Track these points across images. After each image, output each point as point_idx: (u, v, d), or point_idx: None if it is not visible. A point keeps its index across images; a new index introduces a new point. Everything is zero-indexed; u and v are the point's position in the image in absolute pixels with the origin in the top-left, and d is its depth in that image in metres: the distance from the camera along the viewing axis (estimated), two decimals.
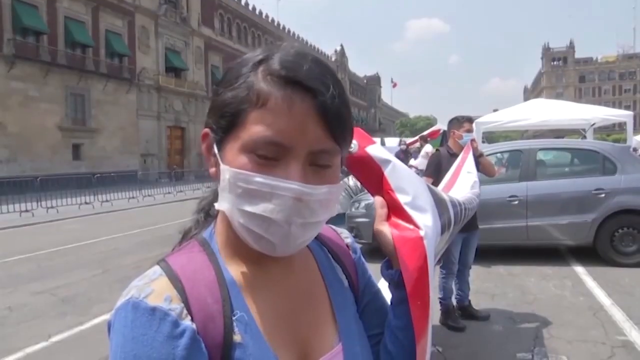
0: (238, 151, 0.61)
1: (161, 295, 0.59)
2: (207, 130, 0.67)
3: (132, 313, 0.57)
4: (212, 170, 0.67)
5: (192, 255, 0.66)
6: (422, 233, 0.82)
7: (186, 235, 0.76)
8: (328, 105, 0.61)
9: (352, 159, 0.85)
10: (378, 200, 0.85)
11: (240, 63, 0.65)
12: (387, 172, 0.86)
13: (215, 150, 0.65)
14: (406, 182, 0.87)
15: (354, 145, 0.84)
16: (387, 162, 0.87)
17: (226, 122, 0.62)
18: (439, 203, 0.99)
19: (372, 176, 0.87)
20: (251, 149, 0.60)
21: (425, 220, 0.84)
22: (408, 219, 0.83)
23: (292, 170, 0.60)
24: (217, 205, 0.64)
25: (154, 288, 0.59)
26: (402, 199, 0.85)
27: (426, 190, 0.92)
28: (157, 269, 0.63)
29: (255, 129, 0.59)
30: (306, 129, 0.60)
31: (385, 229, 0.82)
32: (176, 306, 0.58)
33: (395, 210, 0.85)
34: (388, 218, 0.84)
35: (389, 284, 0.81)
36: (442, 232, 0.98)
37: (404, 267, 0.78)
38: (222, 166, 0.62)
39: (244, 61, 0.65)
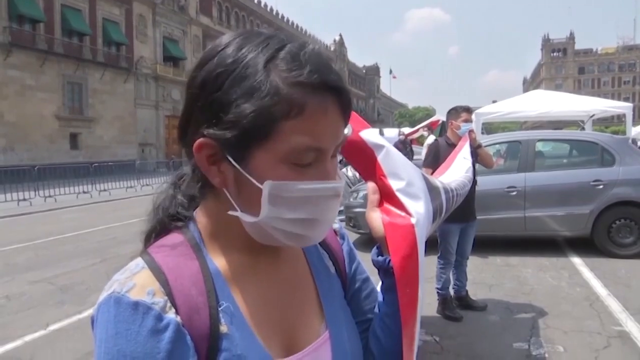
0: (276, 163, 0.59)
1: (144, 289, 0.58)
2: (206, 141, 0.60)
3: (114, 308, 0.56)
4: (217, 180, 0.63)
5: (176, 247, 0.65)
6: (413, 220, 0.80)
7: (150, 238, 0.71)
8: (348, 101, 0.63)
9: (346, 142, 0.84)
10: (370, 185, 0.84)
11: (239, 61, 0.59)
12: (380, 157, 0.84)
13: (234, 163, 0.60)
14: (399, 168, 0.85)
15: (348, 128, 0.82)
16: (381, 147, 0.85)
17: (253, 135, 0.58)
18: (432, 190, 0.98)
19: (365, 161, 0.86)
20: (292, 159, 0.59)
21: (418, 208, 0.83)
22: (400, 205, 0.82)
23: (328, 170, 0.62)
24: (244, 217, 0.62)
25: (136, 282, 0.58)
26: (395, 185, 0.83)
27: (420, 177, 0.91)
28: (139, 261, 0.62)
29: (295, 139, 0.58)
30: (337, 128, 0.62)
31: (376, 215, 0.81)
32: (159, 300, 0.57)
33: (387, 196, 0.84)
34: (380, 204, 0.83)
35: (379, 271, 0.81)
36: (434, 219, 0.96)
37: (394, 254, 0.77)
38: (264, 182, 0.59)
39: (245, 61, 0.59)
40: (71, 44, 28.46)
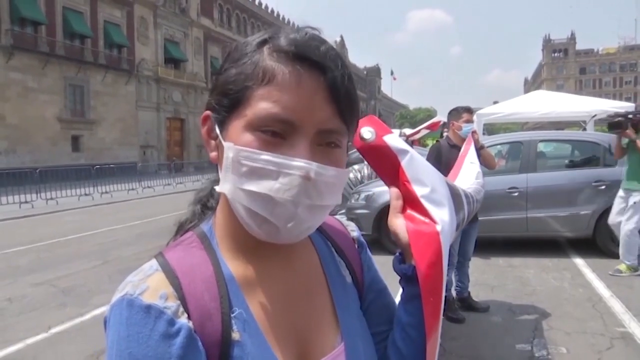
0: (243, 129, 0.59)
1: (157, 293, 0.57)
2: (207, 112, 0.64)
3: (127, 310, 0.56)
4: (214, 154, 0.64)
5: (190, 250, 0.64)
6: (438, 228, 0.78)
7: (182, 227, 0.73)
8: (338, 83, 0.59)
9: (369, 147, 0.82)
10: (393, 191, 0.82)
11: (244, 43, 0.63)
12: (404, 162, 0.83)
13: (217, 130, 0.62)
14: (423, 174, 0.83)
15: (372, 133, 0.81)
16: (405, 152, 0.83)
17: (230, 100, 0.60)
18: (455, 196, 0.96)
19: (388, 166, 0.84)
20: (256, 126, 0.58)
21: (442, 215, 0.81)
22: (424, 212, 0.80)
23: (300, 148, 0.58)
24: (218, 188, 0.62)
25: (149, 284, 0.58)
26: (419, 191, 0.81)
27: (443, 184, 0.89)
28: (153, 263, 0.62)
29: (261, 105, 0.57)
30: (315, 106, 0.58)
31: (400, 221, 0.78)
32: (172, 304, 0.57)
33: (410, 202, 0.82)
34: (403, 210, 0.81)
35: (401, 278, 0.78)
36: (457, 227, 0.95)
37: (419, 262, 0.75)
38: (226, 144, 0.60)
39: (247, 42, 0.63)
40: (73, 46, 28.50)
